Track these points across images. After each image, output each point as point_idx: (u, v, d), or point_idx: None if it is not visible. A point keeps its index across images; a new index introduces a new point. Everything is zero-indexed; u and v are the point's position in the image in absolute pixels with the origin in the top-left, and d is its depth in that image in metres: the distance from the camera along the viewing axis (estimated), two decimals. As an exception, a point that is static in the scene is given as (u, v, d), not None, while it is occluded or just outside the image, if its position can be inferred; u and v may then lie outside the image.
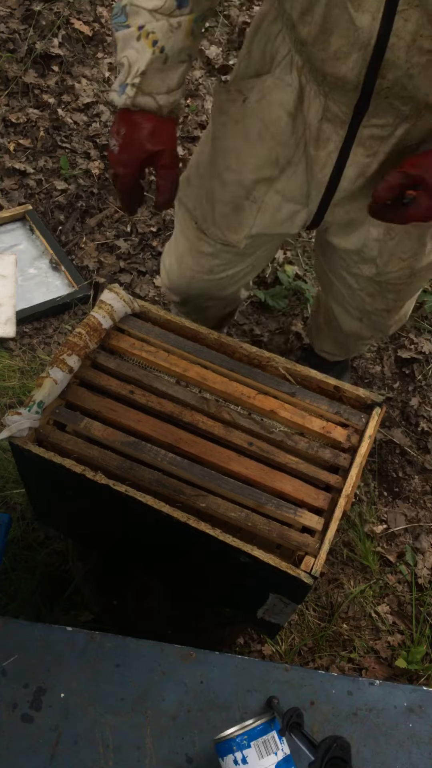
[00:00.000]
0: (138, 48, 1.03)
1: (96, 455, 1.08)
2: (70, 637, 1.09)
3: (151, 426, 1.12)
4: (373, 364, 2.14)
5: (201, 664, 1.09)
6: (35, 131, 2.57)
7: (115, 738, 1.03)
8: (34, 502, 1.36)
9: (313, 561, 1.02)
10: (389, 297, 1.50)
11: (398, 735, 1.06)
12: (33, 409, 1.08)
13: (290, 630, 1.69)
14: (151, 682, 1.07)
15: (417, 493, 1.93)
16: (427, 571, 1.80)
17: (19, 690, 1.05)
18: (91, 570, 1.47)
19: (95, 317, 1.19)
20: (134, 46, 1.03)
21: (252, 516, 1.06)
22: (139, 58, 1.04)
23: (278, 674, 1.09)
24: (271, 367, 1.20)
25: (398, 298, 1.51)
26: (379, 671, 1.67)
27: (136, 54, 1.04)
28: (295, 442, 1.14)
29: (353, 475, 1.10)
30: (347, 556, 1.81)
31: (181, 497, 1.06)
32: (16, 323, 2.10)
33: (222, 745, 0.97)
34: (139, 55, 1.04)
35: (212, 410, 1.15)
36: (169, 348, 1.21)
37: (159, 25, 1.02)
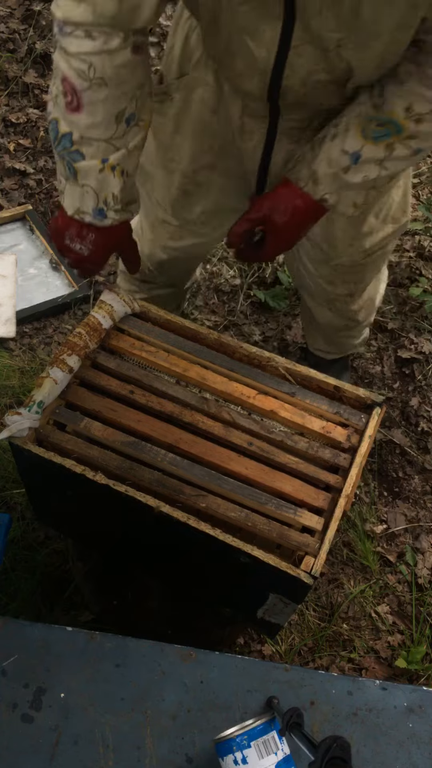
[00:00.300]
0: (101, 178, 1.06)
1: (96, 455, 1.08)
2: (70, 637, 1.09)
3: (151, 426, 1.12)
4: (373, 364, 2.14)
5: (201, 664, 1.09)
6: (35, 131, 2.57)
7: (115, 738, 1.03)
8: (34, 502, 1.36)
9: (313, 561, 1.02)
10: (348, 281, 1.53)
11: (398, 735, 1.06)
12: (33, 409, 1.08)
13: (290, 630, 1.69)
14: (151, 682, 1.07)
15: (417, 493, 1.93)
16: (427, 571, 1.80)
17: (19, 690, 1.05)
18: (91, 570, 1.47)
19: (95, 317, 1.19)
20: (96, 177, 1.06)
21: (252, 516, 1.06)
22: (106, 186, 1.07)
23: (278, 674, 1.09)
24: (271, 367, 1.20)
25: (357, 281, 1.55)
26: (379, 671, 1.67)
27: (100, 183, 1.07)
28: (295, 442, 1.14)
29: (353, 475, 1.10)
30: (347, 556, 1.81)
31: (181, 497, 1.06)
32: (16, 323, 2.09)
33: (222, 745, 0.97)
34: (105, 184, 1.07)
35: (212, 410, 1.15)
36: (169, 348, 1.21)
37: (120, 155, 1.05)
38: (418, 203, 2.46)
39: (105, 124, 1.02)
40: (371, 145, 1.07)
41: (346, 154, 1.08)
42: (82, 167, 1.06)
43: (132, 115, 1.04)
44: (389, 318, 2.21)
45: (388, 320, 2.21)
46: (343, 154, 1.09)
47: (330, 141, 1.10)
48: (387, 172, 1.10)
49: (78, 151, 1.05)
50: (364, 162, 1.08)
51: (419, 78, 1.01)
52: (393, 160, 1.08)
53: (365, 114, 1.06)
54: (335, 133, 1.09)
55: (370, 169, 1.09)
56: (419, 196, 2.49)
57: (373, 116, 1.05)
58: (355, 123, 1.07)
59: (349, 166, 1.09)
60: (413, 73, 1.01)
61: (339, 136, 1.09)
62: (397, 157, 1.08)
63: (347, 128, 1.08)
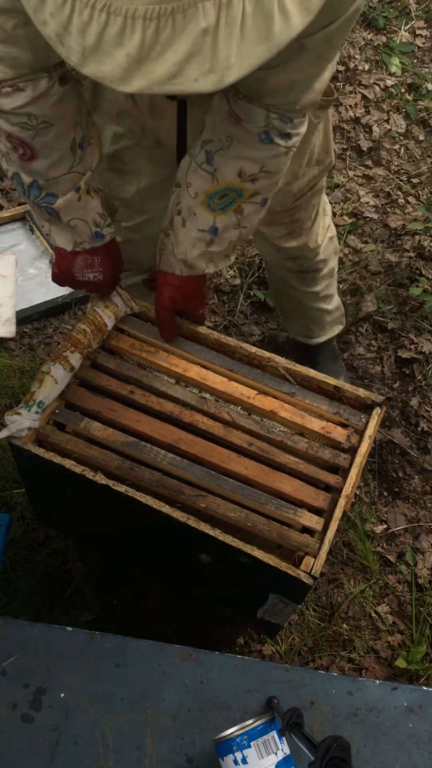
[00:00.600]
0: (82, 206, 1.10)
1: (96, 455, 1.08)
2: (70, 637, 1.09)
3: (151, 426, 1.12)
4: (373, 364, 2.14)
5: (201, 664, 1.09)
6: (35, 131, 2.57)
7: (115, 738, 1.03)
8: (34, 502, 1.36)
9: (313, 561, 1.02)
10: (284, 221, 1.55)
11: (398, 735, 1.06)
12: (33, 408, 1.08)
13: (290, 630, 1.69)
14: (151, 682, 1.07)
15: (417, 493, 1.93)
16: (427, 571, 1.80)
17: (19, 690, 1.05)
18: (91, 570, 1.47)
19: (102, 317, 1.19)
20: (77, 207, 1.10)
21: (252, 516, 1.06)
22: (89, 210, 1.12)
23: (278, 674, 1.09)
24: (271, 367, 1.20)
25: (294, 220, 1.56)
26: (379, 671, 1.67)
27: (84, 210, 1.11)
28: (295, 443, 1.14)
29: (353, 475, 1.10)
30: (347, 556, 1.81)
31: (181, 497, 1.06)
32: (16, 323, 2.09)
33: (222, 745, 0.97)
34: (88, 208, 1.11)
35: (212, 410, 1.15)
36: (168, 348, 1.21)
37: (87, 178, 1.09)
38: (418, 203, 2.46)
39: (63, 159, 1.05)
40: (221, 216, 1.11)
41: (203, 232, 1.12)
42: (60, 206, 1.09)
43: (82, 138, 1.07)
44: (389, 318, 2.21)
45: (388, 320, 2.21)
46: (200, 232, 1.12)
47: (183, 228, 1.13)
48: (247, 228, 1.14)
49: (49, 194, 1.09)
50: (223, 231, 1.12)
51: (240, 138, 1.02)
52: (246, 218, 1.12)
53: (203, 191, 1.09)
54: (183, 219, 1.13)
55: (231, 233, 1.13)
56: (419, 196, 2.49)
57: (213, 191, 1.08)
58: (198, 203, 1.10)
59: (212, 240, 1.13)
60: (235, 136, 1.02)
61: (188, 220, 1.12)
62: (248, 214, 1.11)
63: (192, 211, 1.11)
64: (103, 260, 1.18)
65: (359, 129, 2.60)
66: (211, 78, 0.60)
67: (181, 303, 1.20)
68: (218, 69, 0.60)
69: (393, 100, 2.67)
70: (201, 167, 1.08)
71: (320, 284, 1.81)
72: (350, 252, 2.35)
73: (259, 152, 1.03)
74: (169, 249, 1.17)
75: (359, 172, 2.53)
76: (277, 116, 0.99)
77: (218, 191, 1.08)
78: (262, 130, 1.00)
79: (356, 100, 2.65)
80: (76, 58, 0.61)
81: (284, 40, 0.61)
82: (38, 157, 1.03)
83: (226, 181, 1.06)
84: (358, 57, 2.74)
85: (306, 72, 0.93)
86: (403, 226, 2.40)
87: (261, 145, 1.02)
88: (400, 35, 2.81)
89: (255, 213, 1.12)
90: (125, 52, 0.59)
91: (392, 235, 2.39)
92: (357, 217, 2.42)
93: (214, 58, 0.59)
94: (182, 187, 1.13)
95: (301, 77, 0.94)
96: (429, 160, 2.58)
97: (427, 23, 2.87)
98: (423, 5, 2.88)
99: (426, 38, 2.84)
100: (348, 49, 2.73)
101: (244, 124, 1.00)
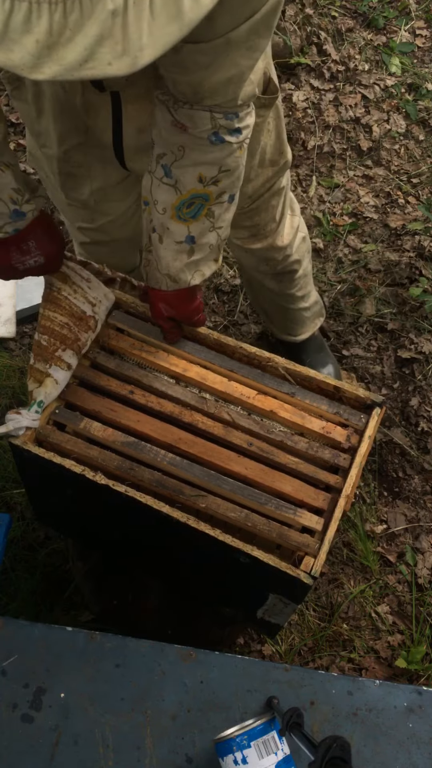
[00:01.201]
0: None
1: (96, 455, 1.08)
2: (70, 637, 1.09)
3: (150, 426, 1.12)
4: (373, 364, 2.14)
5: (201, 664, 1.09)
6: (35, 131, 2.57)
7: (115, 738, 1.03)
8: (34, 502, 1.36)
9: (313, 561, 1.02)
10: (245, 224, 1.55)
11: (398, 735, 1.06)
12: (33, 408, 1.08)
13: (290, 630, 1.69)
14: (151, 682, 1.07)
15: (417, 493, 1.93)
16: (427, 571, 1.80)
17: (19, 690, 1.05)
18: (91, 570, 1.47)
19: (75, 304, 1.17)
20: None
21: (252, 516, 1.06)
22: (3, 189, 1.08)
23: (278, 674, 1.09)
24: (270, 367, 1.20)
25: (254, 223, 1.55)
26: (379, 671, 1.67)
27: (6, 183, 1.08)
28: (295, 443, 1.14)
29: (353, 475, 1.10)
30: (347, 556, 1.81)
31: (181, 497, 1.06)
32: (16, 323, 2.09)
33: (222, 745, 0.97)
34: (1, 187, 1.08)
35: (212, 410, 1.15)
36: (168, 348, 1.21)
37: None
38: (418, 203, 2.46)
39: None
40: (194, 223, 1.10)
41: (181, 243, 1.12)
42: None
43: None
44: (389, 318, 2.21)
45: (388, 320, 2.21)
46: (179, 244, 1.12)
47: (161, 244, 1.13)
48: (223, 228, 1.14)
49: None
50: (200, 237, 1.12)
51: (191, 146, 1.02)
52: (219, 218, 1.11)
53: (170, 205, 1.08)
54: (159, 236, 1.13)
55: (209, 237, 1.13)
56: (419, 196, 2.49)
57: (179, 203, 1.08)
58: (168, 217, 1.10)
59: (192, 248, 1.13)
60: (186, 144, 1.02)
61: (164, 235, 1.12)
62: (219, 215, 1.11)
63: (165, 226, 1.11)
64: (37, 241, 1.14)
65: (359, 129, 2.60)
66: (124, 60, 0.59)
67: (175, 314, 1.20)
68: (131, 51, 0.59)
69: (393, 100, 2.67)
70: (162, 181, 1.08)
71: (297, 285, 1.81)
72: (350, 252, 2.35)
73: (213, 154, 1.02)
74: (153, 265, 1.17)
75: (359, 172, 2.53)
76: (221, 115, 0.99)
77: (185, 201, 1.07)
78: (210, 133, 1.00)
79: (356, 100, 2.65)
80: None
81: (195, 19, 0.60)
82: None
83: (189, 190, 1.06)
84: (358, 57, 2.74)
85: (240, 66, 0.93)
86: (403, 226, 2.40)
87: (213, 147, 1.02)
88: (400, 35, 2.80)
89: (226, 211, 1.12)
90: (34, 39, 0.57)
91: (392, 235, 2.39)
92: (357, 217, 2.42)
93: (125, 40, 0.58)
94: (150, 204, 1.12)
95: (236, 72, 0.93)
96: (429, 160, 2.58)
97: (427, 23, 2.87)
98: (423, 5, 2.88)
99: (426, 38, 2.84)
100: (348, 49, 2.73)
101: (191, 130, 1.00)
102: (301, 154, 2.54)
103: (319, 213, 2.41)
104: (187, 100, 0.98)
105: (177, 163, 1.04)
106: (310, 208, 2.42)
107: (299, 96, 2.62)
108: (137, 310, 1.25)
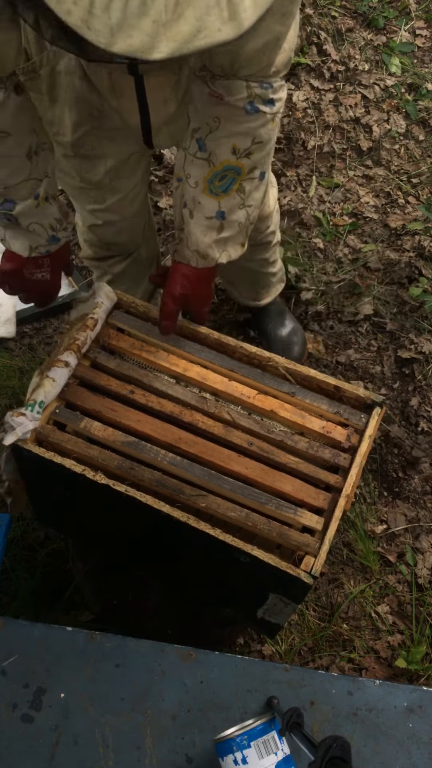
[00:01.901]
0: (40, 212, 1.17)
1: (96, 455, 1.08)
2: (70, 637, 1.09)
3: (151, 426, 1.12)
4: (373, 364, 2.14)
5: (201, 664, 1.09)
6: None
7: (115, 738, 1.03)
8: (34, 502, 1.36)
9: (313, 561, 1.02)
10: None
11: (398, 735, 1.06)
12: (35, 408, 1.08)
13: (290, 630, 1.69)
14: (151, 682, 1.07)
15: (417, 493, 1.93)
16: (427, 571, 1.80)
17: (19, 690, 1.05)
18: (91, 570, 1.47)
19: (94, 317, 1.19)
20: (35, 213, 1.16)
21: (252, 516, 1.06)
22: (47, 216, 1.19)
23: (278, 674, 1.09)
24: (271, 367, 1.20)
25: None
26: (379, 671, 1.67)
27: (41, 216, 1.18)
28: (295, 442, 1.14)
29: (353, 474, 1.10)
30: (347, 556, 1.81)
31: (181, 497, 1.06)
32: (16, 323, 2.09)
33: (222, 745, 0.97)
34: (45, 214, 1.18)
35: (212, 410, 1.15)
36: (168, 348, 1.21)
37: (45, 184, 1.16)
38: (418, 203, 2.46)
39: (20, 167, 1.09)
40: (225, 198, 1.13)
41: (211, 219, 1.14)
42: (19, 212, 1.13)
43: (37, 145, 1.11)
44: (389, 318, 2.21)
45: (388, 320, 2.20)
46: (209, 220, 1.15)
47: (191, 219, 1.16)
48: (252, 207, 1.17)
49: (8, 200, 1.13)
50: (230, 213, 1.15)
51: (227, 116, 1.05)
52: (249, 196, 1.15)
53: (202, 177, 1.11)
54: (190, 211, 1.16)
55: (238, 215, 1.16)
56: (419, 196, 2.49)
57: (212, 175, 1.11)
58: (200, 191, 1.12)
59: (222, 225, 1.16)
60: (221, 115, 1.06)
61: (194, 210, 1.15)
62: (250, 191, 1.14)
63: (196, 200, 1.14)
64: (53, 261, 1.25)
65: (359, 129, 2.60)
66: (231, 25, 0.65)
67: (189, 294, 1.21)
68: (236, 15, 0.65)
69: (393, 100, 2.67)
70: (195, 156, 1.11)
71: (269, 251, 1.88)
72: (350, 252, 2.35)
73: (248, 124, 1.06)
74: (183, 242, 1.19)
75: (359, 172, 2.53)
76: (257, 84, 1.03)
77: (217, 173, 1.11)
78: (246, 101, 1.04)
79: (356, 100, 2.65)
80: (105, 38, 0.63)
81: None
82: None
83: (222, 162, 1.10)
84: (358, 57, 2.74)
85: (274, 32, 0.97)
86: (403, 226, 2.40)
87: (248, 117, 1.06)
88: (400, 35, 2.80)
89: (256, 189, 1.15)
90: (151, 20, 0.62)
91: (392, 235, 2.39)
92: (357, 217, 2.42)
93: (230, 5, 0.64)
94: (183, 180, 1.15)
95: (271, 38, 0.98)
96: (429, 160, 2.58)
97: (427, 23, 2.87)
98: (423, 5, 2.88)
99: (426, 38, 2.83)
100: (348, 49, 2.73)
101: (227, 99, 1.04)
102: (301, 154, 2.54)
103: (319, 213, 2.41)
104: (224, 72, 1.02)
105: (211, 135, 1.08)
106: (310, 208, 2.42)
107: (299, 96, 2.62)
108: (137, 310, 1.24)
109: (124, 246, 1.71)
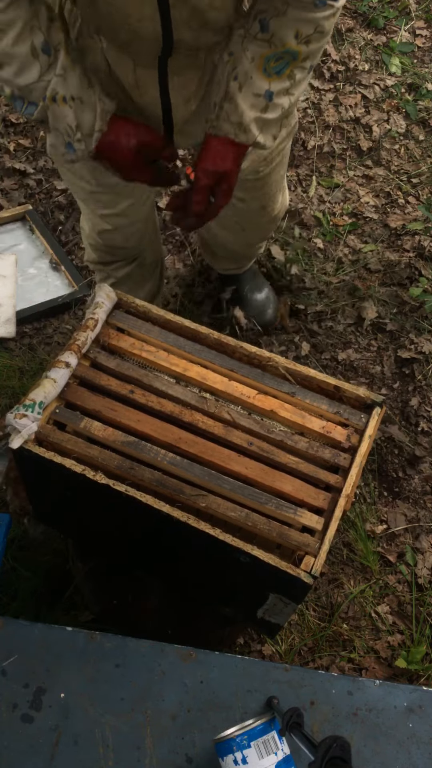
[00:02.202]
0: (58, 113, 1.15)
1: (96, 455, 1.08)
2: (70, 637, 1.09)
3: (151, 426, 1.12)
4: (373, 364, 2.14)
5: (201, 664, 1.09)
6: (35, 131, 2.57)
7: (115, 738, 1.03)
8: (34, 502, 1.36)
9: (313, 561, 1.02)
10: (258, 195, 1.63)
11: (398, 735, 1.06)
12: (35, 409, 1.08)
13: (290, 630, 1.69)
14: (151, 682, 1.07)
15: (417, 493, 1.93)
16: (427, 571, 1.80)
17: (19, 690, 1.05)
18: (91, 570, 1.47)
19: (95, 318, 1.19)
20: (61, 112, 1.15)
21: (252, 516, 1.05)
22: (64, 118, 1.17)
23: (278, 674, 1.09)
24: (271, 367, 1.20)
25: (266, 191, 1.64)
26: (379, 671, 1.67)
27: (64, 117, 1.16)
28: (295, 442, 1.14)
29: (353, 474, 1.10)
30: (347, 556, 1.81)
31: (181, 497, 1.06)
32: (16, 323, 2.09)
33: (222, 745, 0.97)
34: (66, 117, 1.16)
35: (212, 410, 1.15)
36: (168, 348, 1.21)
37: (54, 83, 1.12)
38: (418, 203, 2.46)
39: (26, 66, 1.09)
40: (276, 80, 1.17)
41: (260, 97, 1.18)
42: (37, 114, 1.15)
43: (45, 44, 1.10)
44: (389, 318, 2.21)
45: (388, 320, 2.20)
46: (257, 97, 1.18)
47: (240, 92, 1.18)
48: (294, 97, 1.21)
49: (31, 103, 1.14)
50: (277, 96, 1.19)
51: (295, 5, 1.11)
52: (296, 85, 1.21)
53: (260, 55, 1.15)
54: (240, 84, 1.17)
55: (283, 100, 1.20)
56: (419, 196, 2.49)
57: (271, 54, 1.15)
58: (254, 67, 1.16)
59: (267, 105, 1.19)
60: (291, 2, 1.10)
61: (245, 84, 1.17)
62: (298, 81, 1.20)
63: (248, 74, 1.16)
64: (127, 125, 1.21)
65: (359, 129, 2.60)
66: None
67: (221, 169, 1.22)
68: None
69: (393, 100, 2.67)
70: (256, 37, 1.15)
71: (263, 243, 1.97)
72: (350, 252, 2.35)
73: (314, 14, 1.11)
74: (223, 116, 1.20)
75: (359, 172, 2.53)
76: None
77: (276, 53, 1.15)
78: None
79: (356, 100, 2.65)
80: None
81: None
82: (3, 65, 1.09)
83: (285, 43, 1.14)
84: (358, 57, 2.74)
85: None
86: (403, 226, 2.40)
87: (315, 9, 1.11)
88: (400, 35, 2.80)
89: (302, 81, 1.21)
90: None
91: (392, 235, 2.39)
92: (357, 217, 2.42)
93: None
94: (236, 54, 1.18)
95: None
96: (429, 160, 2.58)
97: (427, 23, 2.87)
98: (423, 5, 2.88)
99: (426, 38, 2.84)
100: (348, 49, 2.73)
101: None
102: (301, 154, 2.54)
103: (319, 213, 2.41)
104: None
105: (277, 18, 1.12)
106: (310, 208, 2.42)
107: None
108: (137, 310, 1.25)
109: (130, 251, 1.71)
